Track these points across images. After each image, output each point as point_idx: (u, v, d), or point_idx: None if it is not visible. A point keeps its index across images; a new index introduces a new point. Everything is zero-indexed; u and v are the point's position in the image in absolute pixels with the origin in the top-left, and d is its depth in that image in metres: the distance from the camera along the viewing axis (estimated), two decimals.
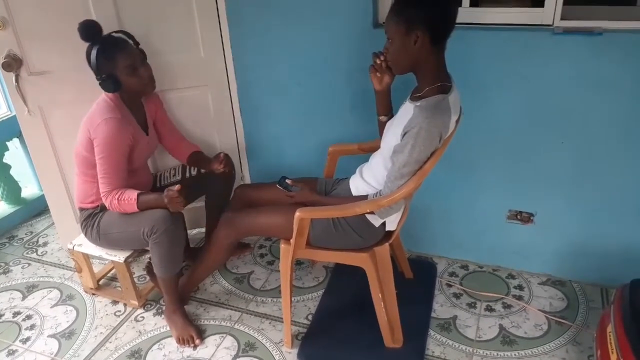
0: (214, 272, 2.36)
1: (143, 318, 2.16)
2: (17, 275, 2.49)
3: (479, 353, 1.90)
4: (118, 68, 1.84)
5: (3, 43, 2.02)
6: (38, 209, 3.03)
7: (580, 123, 1.90)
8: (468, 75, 1.86)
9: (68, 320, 2.17)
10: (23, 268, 2.54)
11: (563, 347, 1.90)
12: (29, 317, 2.20)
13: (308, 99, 2.26)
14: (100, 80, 1.85)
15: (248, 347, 1.97)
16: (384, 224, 1.75)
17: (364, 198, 1.71)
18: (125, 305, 2.22)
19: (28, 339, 2.08)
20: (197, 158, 2.22)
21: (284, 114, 2.35)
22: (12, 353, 2.01)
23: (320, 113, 2.27)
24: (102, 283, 2.35)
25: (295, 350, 1.94)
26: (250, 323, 2.09)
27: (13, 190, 2.96)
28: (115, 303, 2.25)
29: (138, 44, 1.92)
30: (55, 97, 2.15)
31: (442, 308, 2.12)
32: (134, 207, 1.89)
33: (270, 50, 2.21)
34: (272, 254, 2.53)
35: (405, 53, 1.54)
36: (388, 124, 1.76)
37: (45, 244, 2.72)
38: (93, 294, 2.30)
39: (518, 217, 2.17)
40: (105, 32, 1.88)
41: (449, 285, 2.24)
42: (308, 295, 2.23)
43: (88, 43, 1.84)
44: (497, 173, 2.12)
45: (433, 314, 2.08)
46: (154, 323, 2.12)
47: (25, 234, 2.83)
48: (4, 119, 2.81)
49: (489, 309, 2.10)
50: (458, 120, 1.65)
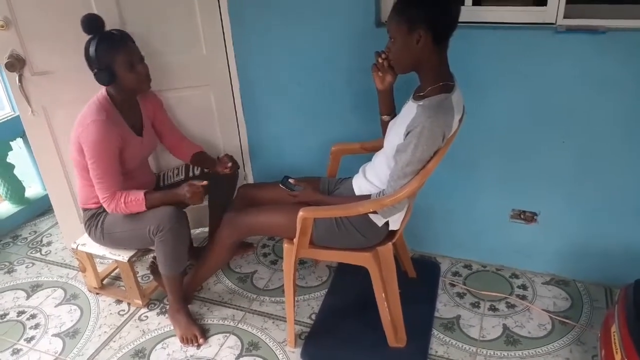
0: (218, 271, 2.36)
1: (147, 317, 2.16)
2: (21, 275, 2.50)
3: (483, 353, 1.89)
4: (117, 62, 1.81)
5: (6, 43, 2.03)
6: (42, 209, 3.04)
7: (583, 122, 1.89)
8: (471, 74, 1.85)
9: (72, 320, 2.17)
10: (27, 267, 2.55)
11: (567, 347, 1.90)
12: (34, 316, 2.21)
13: (311, 98, 2.26)
14: (96, 71, 1.82)
15: (251, 346, 1.98)
16: (387, 224, 1.75)
17: (367, 197, 1.71)
18: (129, 305, 2.23)
19: (32, 338, 2.09)
20: (200, 158, 2.22)
21: (287, 114, 2.35)
22: (16, 352, 2.02)
23: (323, 112, 2.27)
24: (105, 282, 2.36)
25: (299, 350, 1.94)
26: (254, 322, 2.10)
27: (17, 190, 2.97)
28: (119, 302, 2.25)
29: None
30: (59, 97, 2.15)
31: (445, 308, 2.12)
32: (142, 206, 1.89)
33: (273, 50, 2.21)
34: (275, 254, 2.54)
35: (408, 52, 1.53)
36: (391, 124, 1.75)
37: (49, 244, 2.73)
38: (97, 293, 2.31)
39: (521, 216, 2.16)
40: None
41: (453, 285, 2.24)
42: (311, 295, 2.23)
43: (89, 36, 1.82)
44: (500, 172, 2.11)
45: (436, 314, 2.08)
46: (158, 322, 2.13)
47: (29, 234, 2.84)
48: (8, 119, 2.82)
49: (493, 309, 2.10)
50: (461, 120, 1.65)
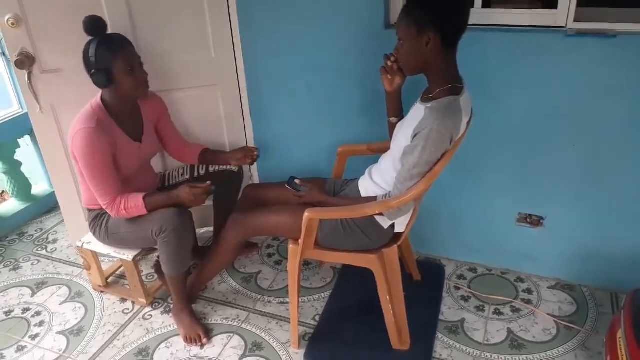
0: (222, 271, 2.36)
1: (151, 316, 2.16)
2: (26, 272, 2.50)
3: (487, 357, 1.88)
4: (116, 64, 1.79)
5: (17, 41, 2.04)
6: (48, 206, 3.05)
7: (592, 126, 1.88)
8: (479, 77, 1.85)
9: (77, 317, 2.18)
10: (33, 265, 2.56)
11: (572, 352, 1.89)
12: (38, 313, 2.22)
13: (318, 100, 2.26)
14: (94, 72, 1.79)
15: (255, 347, 1.98)
16: (393, 226, 1.75)
17: (373, 199, 1.71)
18: (134, 303, 2.23)
19: (37, 335, 2.09)
20: (208, 154, 2.21)
21: (294, 114, 2.35)
22: (21, 349, 2.03)
23: (330, 114, 2.27)
24: (110, 281, 2.36)
25: (302, 351, 1.93)
26: (258, 323, 2.09)
27: (24, 187, 2.98)
28: (124, 301, 2.26)
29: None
30: (67, 95, 2.15)
31: (450, 311, 2.11)
32: (143, 211, 1.89)
33: (281, 51, 2.21)
34: (280, 254, 2.53)
35: (417, 54, 1.53)
36: (398, 126, 1.75)
37: (55, 241, 2.74)
38: (101, 292, 2.32)
39: (528, 220, 2.15)
40: (116, 30, 1.89)
41: (457, 288, 2.23)
42: (315, 296, 2.23)
43: (90, 37, 1.80)
44: (506, 176, 2.10)
45: (441, 317, 2.07)
46: (162, 321, 2.13)
47: (35, 231, 2.85)
48: (16, 116, 2.83)
49: (497, 313, 2.09)
50: (469, 122, 1.64)
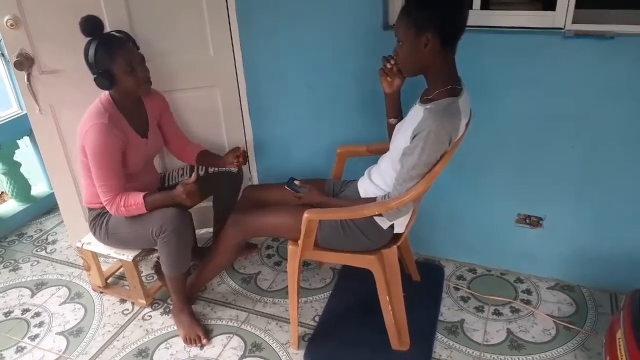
0: (222, 272, 2.36)
1: (150, 317, 2.17)
2: (26, 273, 2.50)
3: (486, 357, 1.89)
4: (115, 64, 1.80)
5: (15, 42, 2.04)
6: (47, 207, 3.05)
7: (591, 127, 1.89)
8: (478, 78, 1.85)
9: (76, 318, 2.18)
10: (32, 265, 2.56)
11: (571, 352, 1.89)
12: (38, 314, 2.22)
13: (317, 100, 2.26)
14: (96, 76, 1.82)
15: (255, 347, 1.98)
16: (392, 227, 1.75)
17: (373, 200, 1.71)
18: (133, 304, 2.23)
19: (36, 336, 2.09)
20: (205, 157, 2.22)
21: (293, 115, 2.35)
22: (20, 350, 2.03)
23: (329, 114, 2.27)
24: (110, 281, 2.37)
25: (302, 352, 1.93)
26: (257, 323, 2.10)
27: (23, 188, 2.98)
28: (123, 302, 2.26)
29: (138, 48, 1.90)
30: (66, 96, 2.16)
31: (449, 311, 2.11)
32: (142, 210, 1.89)
33: (280, 51, 2.21)
34: (279, 255, 2.54)
35: (416, 56, 1.53)
36: (397, 127, 1.75)
37: (55, 242, 2.74)
38: (101, 292, 2.32)
39: (527, 221, 2.15)
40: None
41: (457, 289, 2.24)
42: (315, 297, 2.23)
43: (88, 38, 1.81)
44: (506, 177, 2.11)
45: (440, 317, 2.08)
46: (161, 322, 2.13)
47: (35, 232, 2.85)
48: (15, 118, 2.83)
49: (497, 313, 2.09)
50: (468, 124, 1.64)
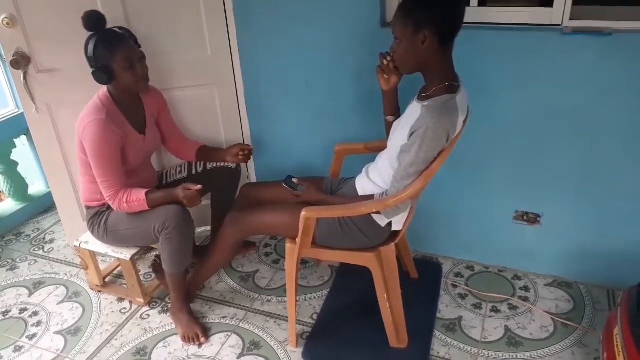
0: (220, 270, 2.36)
1: (148, 316, 2.16)
2: (23, 272, 2.50)
3: (484, 354, 1.89)
4: (115, 60, 1.80)
5: (12, 41, 2.04)
6: (45, 206, 3.04)
7: (589, 124, 1.89)
8: (476, 75, 1.84)
9: (74, 317, 2.18)
10: (30, 265, 2.55)
11: (569, 349, 1.90)
12: (36, 313, 2.22)
13: (314, 98, 2.26)
14: (94, 70, 1.82)
15: (253, 345, 1.98)
16: (390, 224, 1.75)
17: (370, 198, 1.71)
18: (131, 303, 2.23)
19: (34, 336, 2.09)
20: (206, 151, 2.22)
21: (291, 113, 2.35)
22: (18, 349, 2.03)
23: (327, 112, 2.26)
24: (108, 280, 2.36)
25: (300, 350, 1.94)
26: (255, 322, 2.10)
27: (20, 187, 2.98)
28: (121, 300, 2.26)
29: (139, 46, 1.90)
30: (63, 94, 2.15)
31: (447, 309, 2.12)
32: (144, 206, 1.89)
33: (277, 50, 2.21)
34: (277, 253, 2.54)
35: (413, 53, 1.53)
36: (395, 124, 1.75)
37: (52, 241, 2.74)
38: (99, 291, 2.31)
39: (524, 218, 2.16)
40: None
41: (455, 286, 2.24)
42: (313, 295, 2.23)
43: (90, 33, 1.81)
44: (503, 174, 2.11)
45: (438, 315, 2.08)
46: (160, 321, 2.13)
47: (32, 231, 2.85)
48: (12, 117, 2.82)
49: (495, 310, 2.09)
50: (465, 121, 1.64)
